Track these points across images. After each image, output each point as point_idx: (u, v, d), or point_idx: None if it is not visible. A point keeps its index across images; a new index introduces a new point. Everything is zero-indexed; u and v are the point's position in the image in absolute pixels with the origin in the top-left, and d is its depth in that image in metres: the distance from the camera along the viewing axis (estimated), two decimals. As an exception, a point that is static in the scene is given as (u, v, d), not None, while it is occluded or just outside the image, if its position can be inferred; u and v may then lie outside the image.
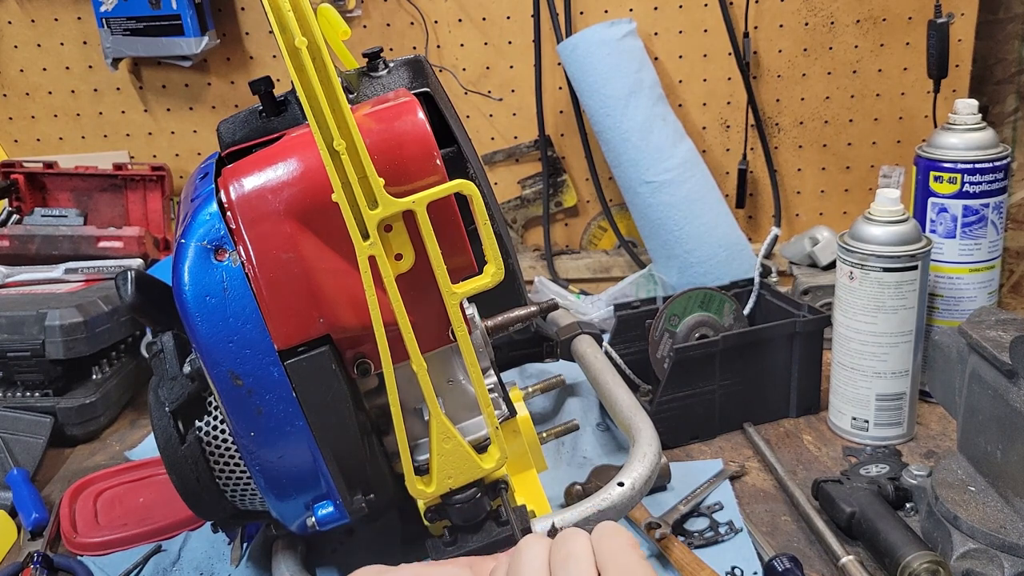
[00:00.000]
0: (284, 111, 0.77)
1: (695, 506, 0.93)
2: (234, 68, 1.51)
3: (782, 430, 1.08)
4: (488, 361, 0.76)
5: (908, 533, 0.81)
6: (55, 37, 1.51)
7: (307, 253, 0.67)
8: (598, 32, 1.37)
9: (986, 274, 1.08)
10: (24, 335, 1.13)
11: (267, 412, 0.69)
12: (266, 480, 0.71)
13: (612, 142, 1.39)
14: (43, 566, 0.87)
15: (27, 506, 0.97)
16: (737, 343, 1.05)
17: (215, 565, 0.89)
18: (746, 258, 1.36)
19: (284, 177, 0.67)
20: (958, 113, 1.07)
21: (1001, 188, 1.06)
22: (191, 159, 1.56)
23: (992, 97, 1.47)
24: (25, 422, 1.09)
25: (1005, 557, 0.76)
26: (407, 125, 0.68)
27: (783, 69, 1.47)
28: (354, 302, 0.67)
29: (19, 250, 1.33)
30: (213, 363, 0.68)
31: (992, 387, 0.81)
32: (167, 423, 0.75)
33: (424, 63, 0.83)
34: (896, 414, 1.03)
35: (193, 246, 0.67)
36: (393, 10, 1.47)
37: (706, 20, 1.45)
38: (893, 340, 1.00)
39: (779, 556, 0.81)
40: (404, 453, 0.71)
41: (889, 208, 1.00)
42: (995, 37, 1.45)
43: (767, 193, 1.51)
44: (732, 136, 1.50)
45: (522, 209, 1.55)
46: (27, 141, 1.57)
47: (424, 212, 0.66)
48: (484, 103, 1.51)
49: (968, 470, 0.85)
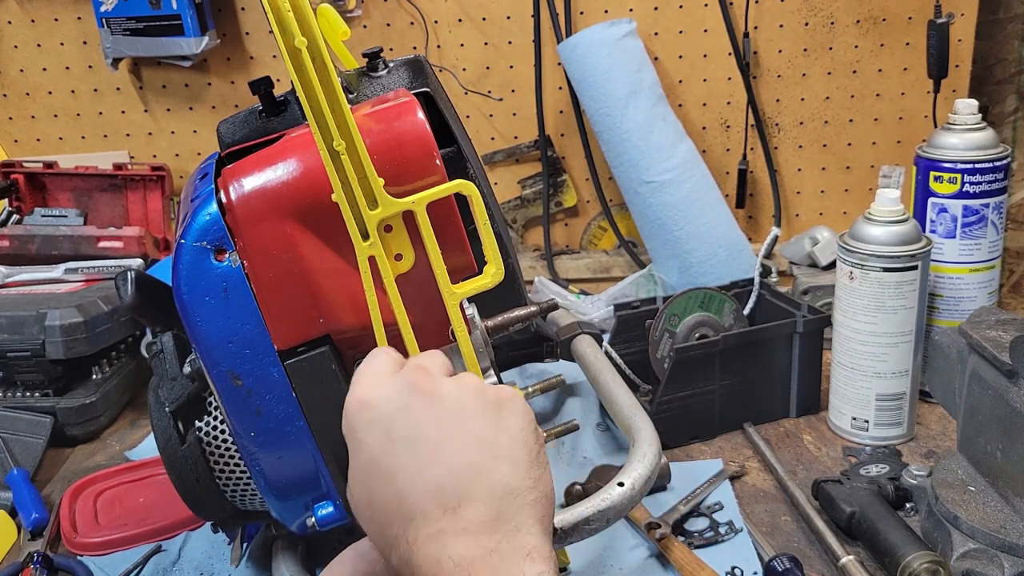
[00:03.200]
0: (284, 111, 0.77)
1: (695, 506, 0.93)
2: (234, 68, 1.51)
3: (782, 430, 1.08)
4: (488, 361, 0.76)
5: (908, 533, 0.81)
6: (55, 37, 1.51)
7: (307, 253, 0.67)
8: (598, 32, 1.37)
9: (986, 274, 1.08)
10: (24, 335, 1.13)
11: (267, 412, 0.69)
12: (266, 480, 0.71)
13: (612, 142, 1.39)
14: (43, 566, 0.87)
15: (27, 506, 0.97)
16: (737, 343, 1.05)
17: (215, 565, 0.89)
18: (746, 258, 1.36)
19: (284, 177, 0.67)
20: (958, 113, 1.07)
21: (1001, 188, 1.06)
22: (191, 159, 1.56)
23: (992, 97, 1.47)
24: (25, 422, 1.09)
25: (1005, 557, 0.76)
26: (407, 125, 0.68)
27: (783, 69, 1.47)
28: (354, 302, 0.67)
29: (19, 250, 1.33)
30: (213, 363, 0.68)
31: (992, 387, 0.81)
32: (167, 423, 0.75)
33: (424, 63, 0.83)
34: (896, 414, 1.03)
35: (193, 246, 0.67)
36: (393, 10, 1.47)
37: (706, 20, 1.45)
38: (893, 340, 1.00)
39: (779, 556, 0.82)
40: (404, 453, 0.71)
41: (889, 208, 1.00)
42: (995, 37, 1.45)
43: (767, 193, 1.51)
44: (732, 136, 1.50)
45: (522, 209, 1.55)
46: (27, 141, 1.57)
47: (424, 212, 0.66)
48: (484, 103, 1.51)
49: (968, 470, 0.85)
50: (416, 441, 0.54)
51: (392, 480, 0.53)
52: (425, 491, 0.52)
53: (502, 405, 0.57)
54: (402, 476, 0.53)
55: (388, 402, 0.56)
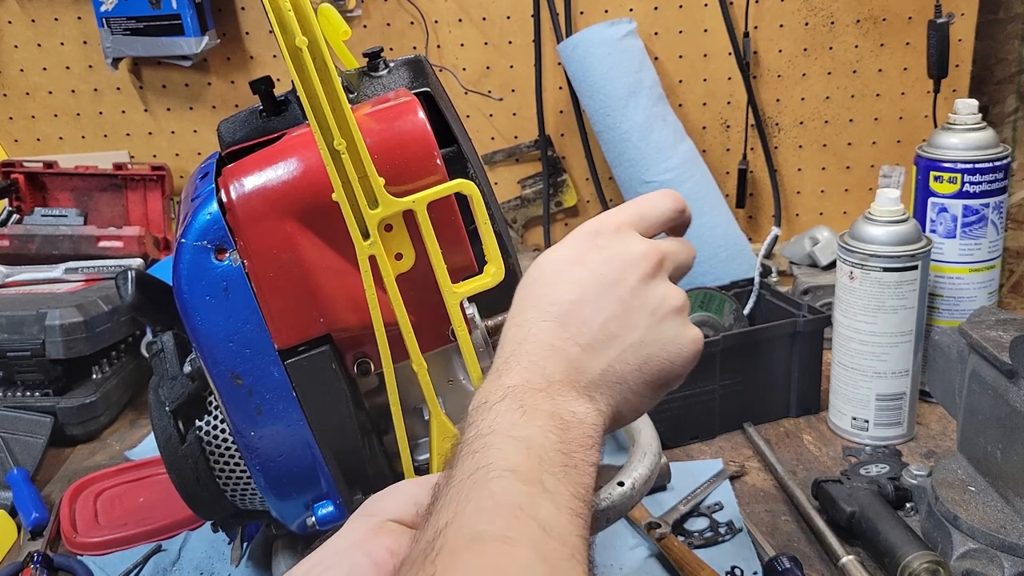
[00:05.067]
0: (284, 111, 0.77)
1: (695, 506, 0.93)
2: (234, 68, 1.51)
3: (782, 430, 1.08)
4: (489, 361, 0.76)
5: (908, 533, 0.81)
6: (55, 37, 1.51)
7: (307, 253, 0.67)
8: (598, 32, 1.37)
9: (986, 274, 1.08)
10: (24, 335, 1.13)
11: (267, 411, 0.69)
12: (266, 479, 0.71)
13: (612, 142, 1.39)
14: (43, 566, 0.87)
15: (27, 506, 0.97)
16: (737, 343, 1.05)
17: (215, 565, 0.89)
18: (746, 258, 1.36)
19: (284, 177, 0.67)
20: (958, 113, 1.07)
21: (1001, 188, 1.06)
22: (191, 159, 1.56)
23: (992, 97, 1.47)
24: (25, 422, 1.09)
25: (1005, 557, 0.76)
26: (407, 125, 0.68)
27: (783, 69, 1.47)
28: (354, 302, 0.67)
29: (19, 250, 1.33)
30: (213, 362, 0.68)
31: (992, 387, 0.80)
32: (167, 423, 0.75)
33: (424, 63, 0.83)
34: (896, 414, 1.03)
35: (193, 246, 0.67)
36: (393, 10, 1.47)
37: (706, 20, 1.45)
38: (893, 340, 1.00)
39: (779, 556, 0.82)
40: (404, 453, 0.71)
41: (889, 208, 1.00)
42: (995, 37, 1.45)
43: (767, 193, 1.51)
44: (732, 136, 1.50)
45: (522, 209, 1.55)
46: (27, 141, 1.57)
47: (424, 212, 0.66)
48: (484, 103, 1.51)
49: (968, 470, 0.85)
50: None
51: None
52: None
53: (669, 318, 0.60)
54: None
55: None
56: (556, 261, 0.61)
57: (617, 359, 0.57)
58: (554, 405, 0.53)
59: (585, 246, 0.61)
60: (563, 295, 0.58)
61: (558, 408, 0.53)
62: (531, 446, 0.50)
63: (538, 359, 0.55)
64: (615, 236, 0.60)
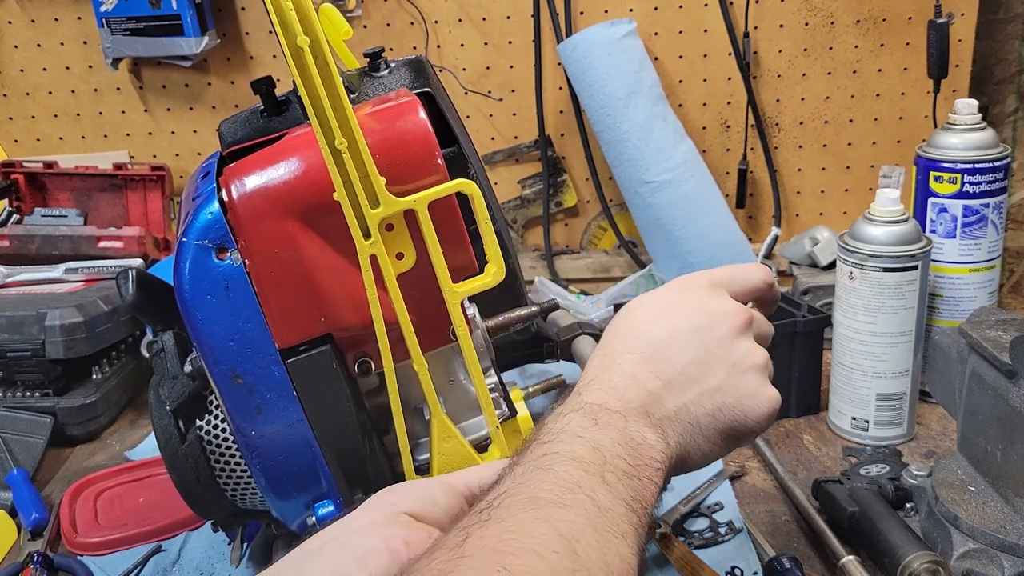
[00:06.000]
0: (285, 111, 0.77)
1: (695, 506, 0.93)
2: (234, 68, 1.51)
3: (782, 430, 1.08)
4: (489, 361, 0.76)
5: (908, 533, 0.81)
6: (55, 37, 1.51)
7: (308, 252, 0.67)
8: (598, 32, 1.37)
9: (986, 274, 1.08)
10: (24, 335, 1.13)
11: (268, 411, 0.69)
12: (266, 479, 0.71)
13: (612, 142, 1.39)
14: (43, 566, 0.87)
15: (27, 506, 0.97)
16: (737, 343, 1.05)
17: (215, 565, 0.89)
18: (746, 258, 1.36)
19: (286, 176, 0.67)
20: (958, 113, 1.07)
21: (1001, 188, 1.06)
22: (191, 159, 1.56)
23: (992, 97, 1.47)
24: (25, 422, 1.09)
25: (1005, 557, 0.76)
26: (409, 125, 0.68)
27: (783, 69, 1.47)
28: (355, 301, 0.67)
29: (19, 250, 1.33)
30: (214, 362, 0.68)
31: (992, 387, 0.81)
32: (168, 422, 0.75)
33: (425, 63, 0.83)
34: (896, 414, 1.03)
35: (194, 245, 0.67)
36: (393, 10, 1.47)
37: (706, 20, 1.45)
38: (893, 340, 1.00)
39: (779, 556, 0.81)
40: (405, 452, 0.71)
41: (889, 208, 1.00)
42: (995, 37, 1.46)
43: (767, 193, 1.52)
44: (732, 136, 1.50)
45: (522, 209, 1.55)
46: (27, 141, 1.57)
47: (425, 211, 0.66)
48: (484, 103, 1.51)
49: (968, 470, 0.85)
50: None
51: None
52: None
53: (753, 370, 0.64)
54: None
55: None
56: (648, 305, 0.65)
57: (693, 401, 0.60)
58: (626, 426, 0.56)
59: (678, 295, 0.64)
60: (652, 334, 0.62)
61: (630, 430, 0.56)
62: (597, 447, 0.53)
63: (619, 385, 0.59)
64: (708, 290, 0.64)
